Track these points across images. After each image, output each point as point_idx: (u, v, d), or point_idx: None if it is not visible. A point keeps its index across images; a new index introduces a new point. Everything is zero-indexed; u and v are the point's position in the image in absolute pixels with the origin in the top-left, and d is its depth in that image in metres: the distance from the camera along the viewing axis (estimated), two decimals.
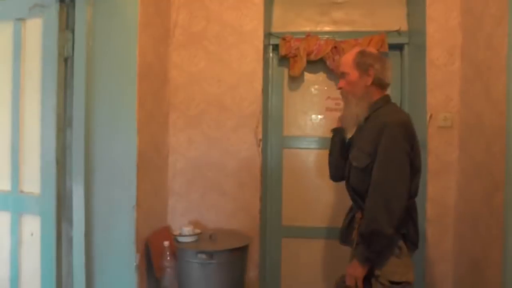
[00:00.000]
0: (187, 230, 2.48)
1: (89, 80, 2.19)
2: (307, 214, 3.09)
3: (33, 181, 2.16)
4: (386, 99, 1.99)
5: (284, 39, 2.93)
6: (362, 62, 1.95)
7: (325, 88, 3.07)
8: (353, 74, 1.96)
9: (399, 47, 2.91)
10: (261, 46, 2.72)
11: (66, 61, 2.17)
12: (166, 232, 2.58)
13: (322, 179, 3.01)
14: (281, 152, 3.11)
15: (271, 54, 3.06)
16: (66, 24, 2.16)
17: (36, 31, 2.16)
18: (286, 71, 3.05)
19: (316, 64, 2.97)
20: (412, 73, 2.83)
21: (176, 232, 2.53)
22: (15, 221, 2.20)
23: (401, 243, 1.84)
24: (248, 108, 2.74)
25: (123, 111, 2.24)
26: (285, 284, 3.10)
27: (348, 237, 2.02)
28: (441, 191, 2.57)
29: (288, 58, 2.95)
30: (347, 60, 1.99)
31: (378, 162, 1.81)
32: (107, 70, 2.23)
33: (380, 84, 1.97)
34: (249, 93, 2.74)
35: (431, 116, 2.57)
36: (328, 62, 2.89)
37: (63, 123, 2.17)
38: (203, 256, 2.29)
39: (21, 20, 2.20)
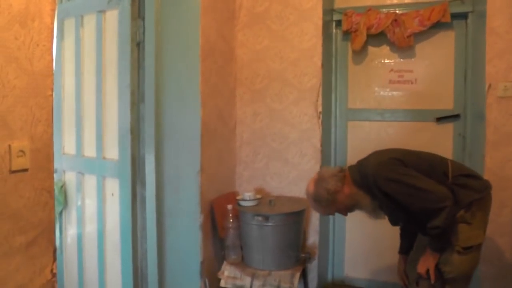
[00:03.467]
0: (248, 195, 2.72)
1: (158, 61, 2.50)
2: None
3: (113, 149, 2.53)
4: (354, 175, 2.08)
5: (346, 14, 3.01)
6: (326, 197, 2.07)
7: (388, 61, 3.10)
8: (331, 207, 2.12)
9: (463, 16, 2.83)
10: (320, 23, 2.84)
11: (138, 46, 2.48)
12: (231, 196, 2.85)
13: None
14: (346, 124, 3.21)
15: (334, 30, 3.15)
16: (138, 13, 2.47)
17: (114, 21, 2.50)
18: (350, 45, 3.12)
19: (379, 37, 3.00)
20: (475, 42, 2.75)
21: (239, 197, 2.79)
22: (99, 183, 2.60)
23: (461, 212, 1.92)
24: (308, 82, 2.89)
25: (188, 87, 2.52)
26: (349, 253, 3.23)
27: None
28: (500, 163, 2.52)
29: (350, 33, 3.03)
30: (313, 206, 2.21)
31: (401, 198, 1.91)
32: (174, 52, 2.52)
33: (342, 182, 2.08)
34: (309, 68, 2.88)
35: (489, 86, 2.50)
36: (389, 35, 2.92)
37: (137, 99, 2.50)
38: (260, 218, 2.52)
39: (101, 12, 2.55)
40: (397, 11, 2.92)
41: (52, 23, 1.55)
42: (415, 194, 1.86)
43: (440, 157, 2.09)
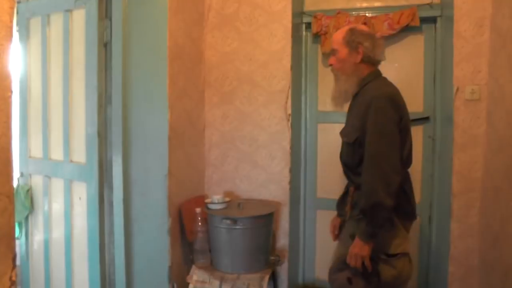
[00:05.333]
0: (217, 198, 2.69)
1: (126, 62, 2.46)
2: (341, 188, 3.16)
3: (80, 152, 2.48)
4: (376, 74, 2.02)
5: (315, 17, 3.01)
6: (352, 40, 1.98)
7: None
8: (343, 52, 2.00)
9: (432, 20, 2.86)
10: (289, 25, 2.83)
11: (105, 46, 2.44)
12: (200, 200, 2.82)
13: None
14: (316, 127, 3.21)
15: (304, 32, 3.16)
16: (105, 13, 2.43)
17: (81, 21, 2.45)
18: (319, 48, 3.13)
19: None
20: (443, 46, 2.78)
21: (208, 200, 2.76)
22: (67, 187, 2.55)
23: (392, 215, 1.86)
24: (278, 85, 2.88)
25: (156, 89, 2.49)
26: (320, 255, 3.22)
27: (343, 210, 2.09)
28: (467, 165, 2.54)
29: (320, 35, 3.04)
30: (337, 37, 2.04)
31: (369, 135, 1.85)
32: (141, 53, 2.49)
33: (370, 61, 2.00)
34: (278, 70, 2.87)
35: (457, 89, 2.53)
36: None
37: (104, 101, 2.45)
38: (228, 221, 2.49)
39: (68, 11, 2.50)
40: (367, 14, 2.94)
41: (11, 22, 1.50)
42: (379, 145, 1.82)
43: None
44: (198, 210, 2.63)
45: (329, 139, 3.15)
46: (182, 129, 2.68)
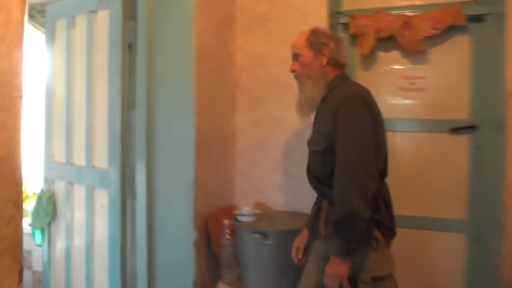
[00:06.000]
0: (246, 209, 2.54)
1: (150, 64, 2.35)
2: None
3: (103, 157, 2.38)
4: (343, 77, 1.86)
5: (352, 17, 2.82)
6: (315, 42, 1.84)
7: (398, 66, 2.90)
8: (306, 55, 1.86)
9: (479, 18, 2.63)
10: (325, 26, 2.66)
11: (130, 48, 2.34)
12: (228, 210, 2.66)
13: (400, 164, 2.85)
14: None
15: (340, 34, 2.98)
16: (130, 14, 2.33)
17: (104, 21, 2.36)
18: (357, 50, 2.93)
19: (388, 41, 2.80)
20: (493, 46, 2.54)
21: (237, 211, 2.60)
22: (88, 194, 2.45)
23: (376, 232, 1.68)
24: None
25: (182, 92, 2.36)
26: None
27: (317, 229, 1.88)
28: None
29: (357, 36, 2.85)
30: (300, 41, 1.89)
31: (340, 140, 1.68)
32: (167, 54, 2.37)
33: (337, 64, 1.85)
34: None
35: (510, 94, 2.30)
36: (398, 39, 2.73)
37: (128, 105, 2.35)
38: (257, 235, 2.33)
39: (92, 12, 2.41)
40: (407, 13, 2.73)
41: (22, 17, 1.40)
42: (352, 150, 1.65)
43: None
44: (226, 222, 2.47)
45: None
46: (209, 135, 2.53)
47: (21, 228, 1.38)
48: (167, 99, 2.38)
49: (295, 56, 1.93)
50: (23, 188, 3.65)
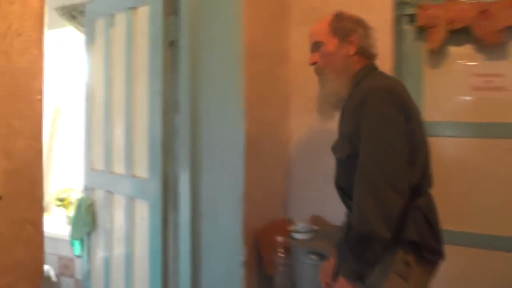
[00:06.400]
0: (301, 225, 2.29)
1: (195, 63, 2.12)
2: (461, 216, 2.56)
3: (143, 165, 2.18)
4: (370, 68, 1.58)
5: (420, 7, 2.50)
6: (341, 27, 1.58)
7: (472, 63, 2.55)
8: (331, 43, 1.59)
9: None
10: (389, 17, 2.37)
11: (172, 45, 2.13)
12: (282, 225, 2.41)
13: (476, 174, 2.50)
14: None
15: (405, 26, 2.65)
16: (172, 9, 2.12)
17: (144, 18, 2.17)
18: (425, 45, 2.60)
19: (461, 34, 2.46)
20: None
21: (292, 227, 2.35)
22: (128, 205, 2.26)
23: (409, 257, 1.38)
24: None
25: (229, 94, 2.12)
26: None
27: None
28: None
29: (425, 29, 2.53)
30: (321, 27, 1.63)
31: (362, 143, 1.40)
32: (213, 52, 2.13)
33: (364, 54, 1.58)
34: None
35: None
36: (474, 31, 2.39)
37: (170, 108, 2.14)
38: (314, 257, 2.07)
39: (132, 9, 2.23)
40: (484, 1, 2.38)
41: (41, 9, 1.20)
42: (372, 153, 1.38)
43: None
44: (279, 239, 2.23)
45: (441, 156, 2.59)
46: (261, 141, 2.30)
47: (42, 252, 1.18)
48: (213, 101, 2.14)
49: (316, 46, 1.68)
50: (67, 194, 3.55)
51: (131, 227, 2.25)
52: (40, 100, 1.16)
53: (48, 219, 3.58)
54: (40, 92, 1.16)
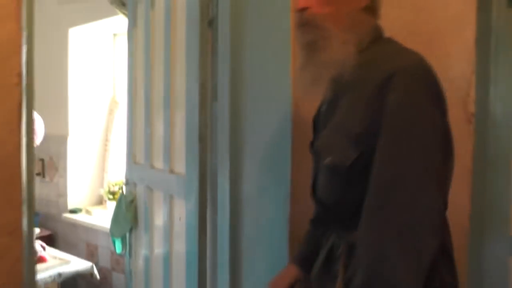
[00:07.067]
0: None
1: (236, 44, 1.88)
2: None
3: (182, 160, 1.98)
4: (378, 31, 1.15)
5: None
6: None
7: None
8: None
9: None
10: None
11: (210, 24, 1.90)
12: None
13: None
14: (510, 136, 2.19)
15: None
16: None
17: None
18: None
19: None
20: None
21: None
22: (166, 203, 2.07)
23: None
24: (454, 68, 1.99)
25: (275, 79, 1.85)
26: None
27: (326, 280, 1.20)
28: None
29: None
30: None
31: (383, 145, 0.96)
32: (256, 32, 1.87)
33: (374, 11, 1.14)
34: (455, 46, 1.96)
35: None
36: None
37: (208, 95, 1.91)
38: None
39: None
40: None
41: None
42: (401, 169, 0.94)
43: None
44: None
45: None
46: (311, 133, 2.00)
47: (21, 265, 0.98)
48: (257, 87, 1.89)
49: None
50: (116, 188, 3.48)
51: (170, 226, 2.07)
52: (17, 85, 0.95)
53: (102, 212, 3.54)
54: (18, 74, 0.95)
